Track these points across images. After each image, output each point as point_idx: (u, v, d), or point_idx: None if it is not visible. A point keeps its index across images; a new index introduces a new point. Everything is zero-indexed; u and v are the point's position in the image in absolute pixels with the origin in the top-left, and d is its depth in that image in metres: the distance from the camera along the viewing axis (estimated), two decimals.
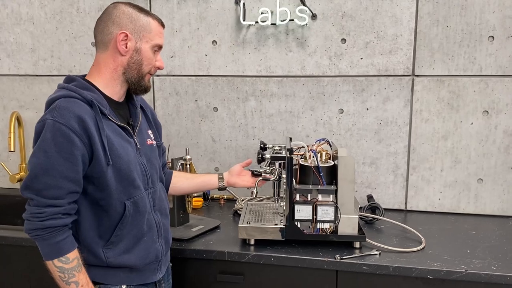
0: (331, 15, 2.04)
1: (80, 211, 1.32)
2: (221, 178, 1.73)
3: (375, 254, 1.60)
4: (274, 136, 2.18)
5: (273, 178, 1.71)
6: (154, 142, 1.51)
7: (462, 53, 1.96)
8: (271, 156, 1.71)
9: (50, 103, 1.30)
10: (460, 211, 2.06)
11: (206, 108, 2.23)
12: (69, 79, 1.37)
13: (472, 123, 2.00)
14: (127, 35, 1.34)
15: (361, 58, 2.04)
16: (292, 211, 1.63)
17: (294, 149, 1.71)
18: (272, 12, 2.05)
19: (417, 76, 2.02)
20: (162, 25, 1.42)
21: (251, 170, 1.72)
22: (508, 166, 1.99)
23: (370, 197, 2.09)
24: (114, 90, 1.39)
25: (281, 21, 2.04)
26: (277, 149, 1.80)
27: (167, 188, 1.66)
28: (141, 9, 1.39)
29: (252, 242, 1.68)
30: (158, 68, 1.44)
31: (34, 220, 1.26)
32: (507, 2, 1.89)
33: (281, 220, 1.72)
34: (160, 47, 1.42)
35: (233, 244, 1.69)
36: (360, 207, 2.00)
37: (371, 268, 1.54)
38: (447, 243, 1.71)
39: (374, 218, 1.93)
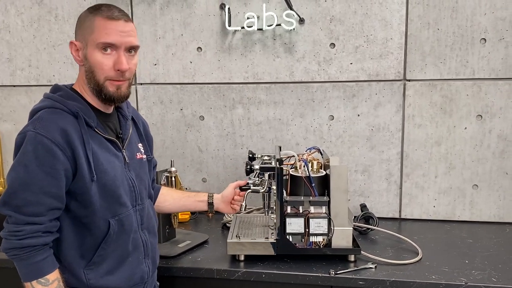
0: (319, 19, 1.98)
1: (62, 228, 1.24)
2: (210, 204, 1.62)
3: (371, 268, 1.53)
4: (263, 145, 2.11)
5: (262, 190, 1.63)
6: (144, 156, 1.42)
7: (454, 56, 1.91)
8: (260, 167, 1.63)
9: (33, 113, 1.23)
10: (456, 218, 2.01)
11: (192, 117, 2.15)
12: (55, 89, 1.30)
13: (465, 128, 1.95)
14: (74, 44, 1.26)
15: (351, 63, 1.99)
16: (283, 224, 1.56)
17: (283, 159, 1.64)
18: (258, 17, 1.99)
19: (409, 80, 1.96)
20: (111, 19, 1.22)
21: (239, 187, 1.63)
22: (503, 171, 1.94)
23: (363, 206, 2.03)
24: (95, 101, 1.30)
25: (268, 26, 1.98)
26: (266, 159, 1.73)
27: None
28: (95, 9, 1.24)
29: (242, 258, 1.60)
30: (119, 70, 1.23)
31: (11, 238, 1.18)
32: (499, 4, 1.85)
33: (272, 233, 1.64)
34: (110, 45, 1.22)
35: (222, 260, 1.61)
36: (354, 217, 1.93)
37: (367, 283, 1.47)
38: (444, 253, 1.65)
39: (368, 229, 1.86)
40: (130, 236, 1.31)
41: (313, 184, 1.57)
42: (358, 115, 2.01)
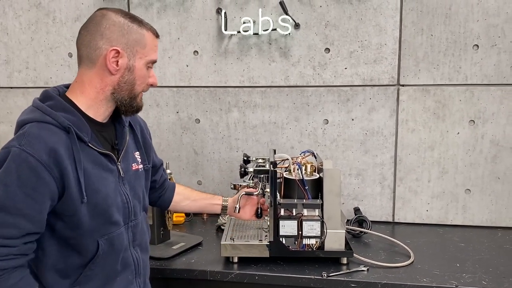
0: (314, 24, 2.00)
1: (44, 248, 1.16)
2: (224, 208, 1.61)
3: (363, 270, 1.54)
4: (258, 148, 2.12)
5: (256, 193, 1.65)
6: (141, 166, 1.34)
7: (447, 62, 1.94)
8: (254, 170, 1.65)
9: (20, 125, 1.14)
10: (448, 222, 2.02)
11: (188, 119, 2.16)
12: (45, 97, 1.18)
13: (458, 133, 1.97)
14: (118, 52, 1.17)
15: (346, 68, 2.01)
16: (276, 227, 1.57)
17: (278, 162, 1.65)
18: (254, 22, 2.01)
19: (402, 85, 1.99)
20: (157, 36, 1.25)
21: (233, 184, 1.65)
22: (496, 176, 1.96)
23: (357, 210, 2.05)
24: (99, 111, 1.22)
25: (264, 30, 2.00)
26: (260, 162, 1.75)
27: (168, 203, 1.57)
28: (133, 18, 1.21)
29: (236, 260, 1.61)
30: (152, 85, 1.27)
31: None
32: (491, 11, 1.88)
33: (266, 236, 1.65)
34: (154, 62, 1.26)
35: (216, 262, 1.62)
36: (347, 220, 1.95)
37: (359, 285, 1.48)
38: (436, 257, 1.67)
39: (361, 232, 1.88)
40: (120, 255, 1.24)
41: (307, 187, 1.59)
42: (352, 120, 2.03)
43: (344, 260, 1.59)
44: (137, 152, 1.35)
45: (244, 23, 2.01)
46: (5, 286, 1.08)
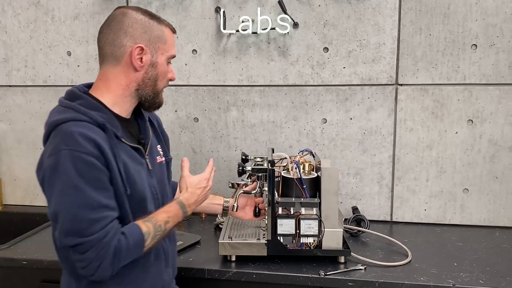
0: (313, 23, 2.00)
1: None
2: (225, 209, 1.61)
3: (361, 269, 1.55)
4: (256, 147, 2.13)
5: (254, 191, 1.65)
6: (163, 159, 1.39)
7: (445, 61, 1.94)
8: (252, 168, 1.65)
9: (54, 125, 1.14)
10: (446, 222, 2.03)
11: (187, 118, 2.16)
12: (72, 96, 1.21)
13: (456, 132, 1.97)
14: (142, 49, 1.20)
15: (344, 67, 2.01)
16: (274, 225, 1.57)
17: (276, 161, 1.65)
18: (253, 21, 2.01)
19: (401, 85, 1.99)
20: (174, 32, 1.30)
21: (231, 182, 1.65)
22: (494, 175, 1.96)
23: (355, 209, 2.05)
24: (124, 107, 1.25)
25: (263, 29, 2.00)
26: (258, 161, 1.75)
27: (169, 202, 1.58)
28: (152, 16, 1.24)
29: (234, 258, 1.61)
30: (171, 80, 1.31)
31: (101, 261, 1.10)
32: (489, 11, 1.88)
33: (263, 234, 1.66)
34: (173, 57, 1.30)
35: (214, 260, 1.62)
36: (345, 219, 1.95)
37: (356, 284, 1.48)
38: (434, 256, 1.67)
39: (359, 231, 1.88)
40: None
41: (305, 186, 1.59)
42: (351, 119, 2.03)
43: (342, 259, 1.60)
44: (159, 145, 1.39)
45: (242, 22, 2.01)
46: (129, 250, 1.14)
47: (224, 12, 2.03)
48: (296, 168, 1.62)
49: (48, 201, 1.15)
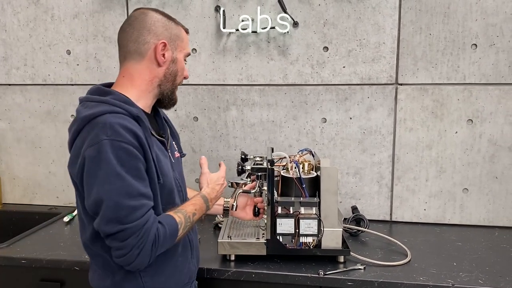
0: (312, 22, 2.00)
1: None
2: (226, 210, 1.62)
3: (360, 269, 1.55)
4: (256, 146, 2.12)
5: (253, 191, 1.65)
6: (179, 154, 1.45)
7: (445, 61, 1.94)
8: (252, 168, 1.65)
9: (88, 119, 1.16)
10: (446, 221, 2.02)
11: (186, 117, 2.16)
12: (102, 92, 1.25)
13: (456, 132, 1.97)
14: (166, 45, 1.27)
15: (344, 67, 2.01)
16: (273, 225, 1.57)
17: (275, 160, 1.65)
18: (253, 20, 2.01)
19: (401, 84, 1.98)
20: (188, 33, 1.38)
21: (230, 182, 1.65)
22: (493, 175, 1.96)
23: (354, 208, 2.05)
24: (147, 103, 1.30)
25: (262, 28, 2.00)
26: (258, 160, 1.74)
27: None
28: (168, 16, 1.32)
29: (233, 257, 1.61)
30: (185, 78, 1.38)
31: (141, 248, 1.13)
32: (489, 10, 1.88)
33: (263, 234, 1.66)
34: (188, 55, 1.38)
35: (213, 260, 1.62)
36: (345, 219, 1.95)
37: (356, 283, 1.48)
38: (433, 256, 1.67)
39: (358, 231, 1.88)
40: None
41: (304, 185, 1.59)
42: (350, 118, 2.03)
43: (341, 259, 1.60)
44: (173, 141, 1.44)
45: (242, 21, 2.01)
46: (166, 237, 1.18)
47: (224, 11, 2.03)
48: (295, 168, 1.61)
49: (87, 192, 1.15)
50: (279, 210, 1.59)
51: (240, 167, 1.65)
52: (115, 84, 1.30)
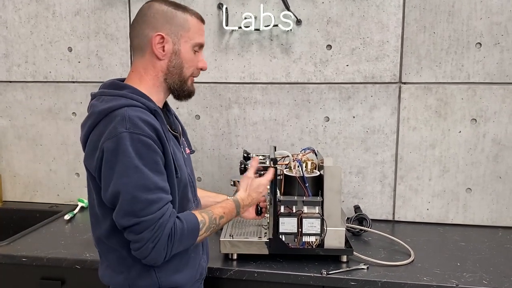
0: (316, 20, 1.99)
1: None
2: None
3: (363, 269, 1.53)
4: (258, 145, 2.11)
5: None
6: (189, 150, 1.44)
7: (449, 60, 1.92)
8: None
9: (105, 113, 1.16)
10: (449, 221, 2.01)
11: (188, 116, 2.15)
12: (118, 86, 1.24)
13: (460, 131, 1.96)
14: (163, 37, 1.23)
15: (347, 65, 1.99)
16: (276, 224, 1.56)
17: (278, 159, 1.64)
18: (255, 17, 1.99)
19: (404, 83, 1.97)
20: (202, 21, 1.30)
21: (233, 180, 1.64)
22: (497, 175, 1.95)
23: (357, 208, 2.03)
24: (159, 97, 1.28)
25: (265, 26, 1.98)
26: (260, 159, 1.73)
27: None
28: (177, 6, 1.26)
29: (235, 256, 1.60)
30: (201, 69, 1.32)
31: (156, 242, 1.12)
32: (494, 9, 1.86)
33: (265, 233, 1.64)
34: (201, 46, 1.30)
35: (215, 259, 1.60)
36: (347, 218, 1.94)
37: (359, 283, 1.47)
38: (437, 256, 1.66)
39: (361, 230, 1.87)
40: None
41: (307, 184, 1.57)
42: (354, 117, 2.02)
43: (344, 258, 1.58)
44: (183, 138, 1.43)
45: (245, 18, 2.00)
46: (185, 235, 1.17)
47: (226, 8, 2.01)
48: (298, 167, 1.60)
49: (104, 185, 1.15)
50: (282, 209, 1.58)
51: (243, 166, 1.63)
52: (127, 79, 1.29)
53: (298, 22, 1.99)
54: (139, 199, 1.11)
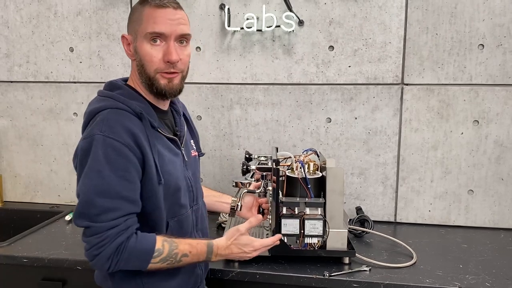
0: (318, 21, 1.98)
1: None
2: (233, 209, 1.61)
3: (365, 270, 1.53)
4: (260, 146, 2.11)
5: (258, 190, 1.63)
6: (197, 153, 1.41)
7: (452, 61, 1.92)
8: (257, 167, 1.63)
9: (92, 114, 1.16)
10: (451, 223, 2.01)
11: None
12: (112, 87, 1.23)
13: (462, 133, 1.95)
14: (126, 38, 1.23)
15: (349, 66, 1.99)
16: (278, 225, 1.55)
17: (280, 160, 1.63)
18: (258, 18, 1.99)
19: (407, 84, 1.97)
20: (160, 6, 1.16)
21: (234, 181, 1.63)
22: (499, 177, 1.95)
23: (359, 209, 2.03)
24: (150, 97, 1.26)
25: (267, 27, 1.98)
26: (263, 160, 1.73)
27: None
28: (147, 2, 1.18)
29: None
30: (168, 61, 1.18)
31: (101, 251, 1.10)
32: (497, 10, 1.86)
33: (267, 234, 1.64)
34: (156, 34, 1.16)
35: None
36: (349, 220, 1.93)
37: (361, 285, 1.46)
38: (439, 258, 1.65)
39: (363, 231, 1.86)
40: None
41: (309, 186, 1.57)
42: (356, 118, 2.02)
43: (346, 260, 1.58)
44: (192, 140, 1.41)
45: (247, 19, 1.99)
46: (133, 253, 1.13)
47: (228, 9, 2.01)
48: (300, 168, 1.60)
49: (76, 184, 1.16)
50: (284, 211, 1.57)
51: (245, 167, 1.63)
52: (129, 79, 1.29)
53: (300, 23, 1.99)
54: (94, 203, 1.10)
